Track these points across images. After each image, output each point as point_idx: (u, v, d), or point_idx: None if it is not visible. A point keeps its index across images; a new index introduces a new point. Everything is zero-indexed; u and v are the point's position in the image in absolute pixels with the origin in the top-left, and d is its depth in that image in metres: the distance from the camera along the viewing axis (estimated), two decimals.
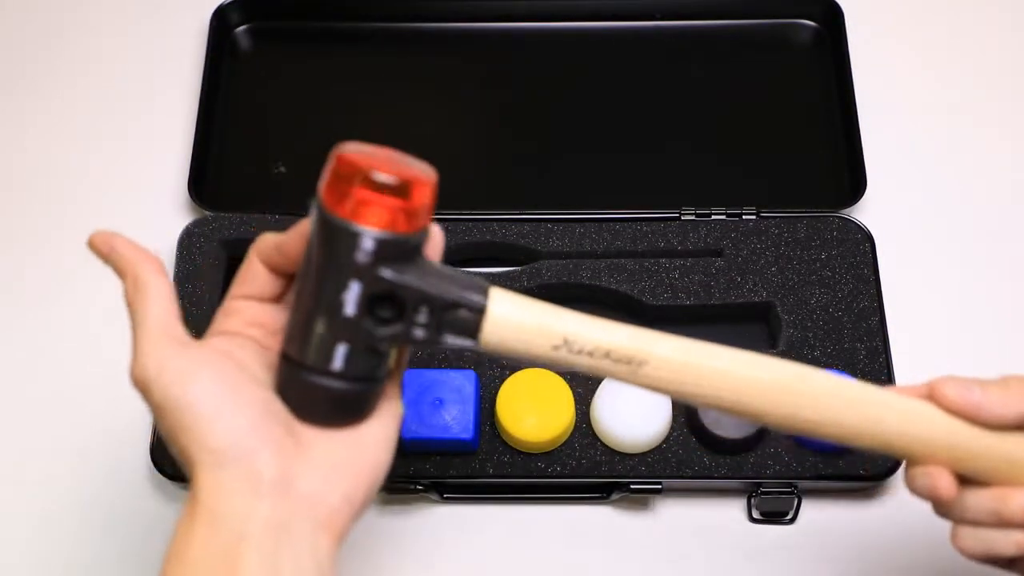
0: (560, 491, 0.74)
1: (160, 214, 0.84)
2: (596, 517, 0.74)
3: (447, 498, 0.74)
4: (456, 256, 0.80)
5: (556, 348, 0.50)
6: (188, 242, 0.80)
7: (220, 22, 0.90)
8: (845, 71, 0.86)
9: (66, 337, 0.81)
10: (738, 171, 0.85)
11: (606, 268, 0.80)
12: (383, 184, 0.47)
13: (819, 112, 0.87)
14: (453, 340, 0.49)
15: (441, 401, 0.72)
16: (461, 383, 0.73)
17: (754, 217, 0.81)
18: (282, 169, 0.86)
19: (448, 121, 0.89)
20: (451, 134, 0.89)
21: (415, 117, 0.89)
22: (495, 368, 0.75)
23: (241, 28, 0.92)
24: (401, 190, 0.47)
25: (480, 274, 0.78)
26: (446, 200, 0.81)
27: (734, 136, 0.87)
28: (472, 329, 0.49)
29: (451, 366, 0.75)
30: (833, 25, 0.89)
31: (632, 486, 0.72)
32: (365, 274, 0.47)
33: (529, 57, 0.92)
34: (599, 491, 0.74)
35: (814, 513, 0.74)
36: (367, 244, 0.46)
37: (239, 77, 0.90)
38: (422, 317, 0.48)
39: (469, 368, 0.74)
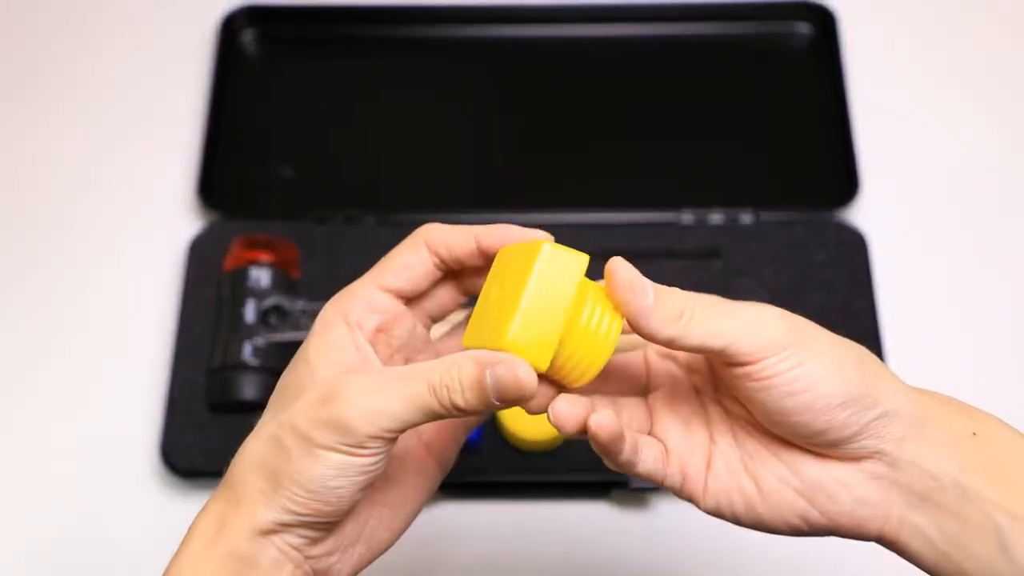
0: (561, 489, 0.75)
1: (169, 218, 0.85)
2: (596, 515, 0.75)
3: (448, 496, 0.74)
4: None
5: None
6: (199, 247, 0.82)
7: (228, 28, 0.91)
8: (840, 74, 0.87)
9: (75, 336, 0.81)
10: (735, 173, 0.86)
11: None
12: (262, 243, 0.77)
13: (815, 114, 0.88)
14: None
15: None
16: None
17: (751, 219, 0.82)
18: (290, 173, 0.88)
19: (451, 123, 0.90)
20: (453, 136, 0.90)
21: (418, 120, 0.90)
22: None
23: (248, 34, 0.93)
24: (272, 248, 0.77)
25: None
26: (447, 201, 0.84)
27: (732, 138, 0.88)
28: None
29: None
30: (828, 29, 0.90)
31: (631, 484, 0.73)
32: (258, 295, 0.76)
33: (529, 60, 0.92)
34: (599, 489, 0.74)
35: None
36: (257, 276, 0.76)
37: (247, 82, 0.91)
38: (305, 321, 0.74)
39: None
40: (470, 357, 0.43)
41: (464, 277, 0.50)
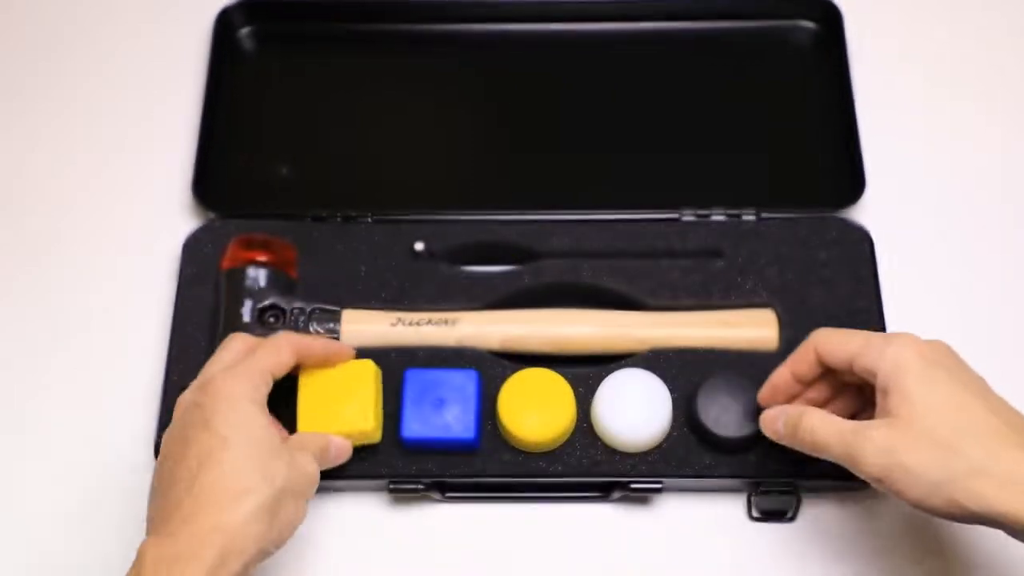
0: (561, 490, 0.75)
1: (165, 217, 0.85)
2: (596, 516, 0.75)
3: (449, 497, 0.74)
4: (456, 256, 0.81)
5: (393, 324, 0.76)
6: (194, 246, 0.81)
7: (224, 24, 0.91)
8: (844, 72, 0.87)
9: (70, 335, 0.81)
10: (738, 171, 0.86)
11: (606, 268, 0.80)
12: (259, 242, 0.77)
13: (819, 112, 0.87)
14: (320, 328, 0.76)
15: (443, 400, 0.72)
16: (463, 382, 0.73)
17: (754, 218, 0.81)
18: (286, 171, 0.87)
19: (449, 122, 0.90)
20: (452, 135, 0.90)
21: (417, 118, 0.90)
22: (497, 368, 0.76)
23: (245, 31, 0.93)
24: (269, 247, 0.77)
25: (480, 274, 0.80)
26: (448, 200, 0.84)
27: (734, 136, 0.88)
28: (335, 319, 0.76)
29: (453, 366, 0.75)
30: (832, 26, 0.90)
31: (632, 485, 0.73)
32: (255, 294, 0.76)
33: (530, 58, 0.92)
34: (599, 490, 0.74)
35: (814, 512, 0.74)
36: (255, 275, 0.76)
37: (243, 80, 0.91)
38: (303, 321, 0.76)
39: (471, 368, 0.75)
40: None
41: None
